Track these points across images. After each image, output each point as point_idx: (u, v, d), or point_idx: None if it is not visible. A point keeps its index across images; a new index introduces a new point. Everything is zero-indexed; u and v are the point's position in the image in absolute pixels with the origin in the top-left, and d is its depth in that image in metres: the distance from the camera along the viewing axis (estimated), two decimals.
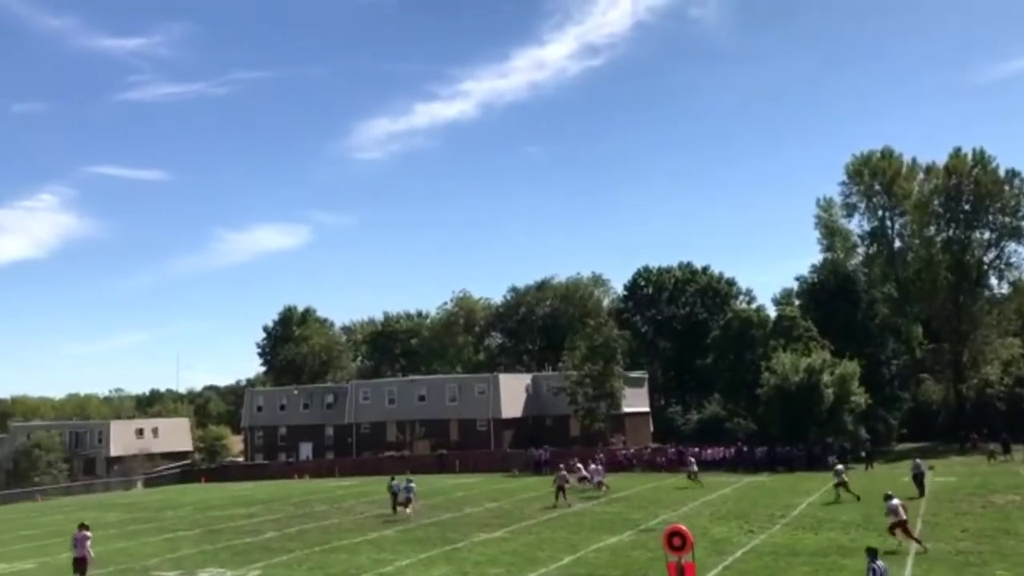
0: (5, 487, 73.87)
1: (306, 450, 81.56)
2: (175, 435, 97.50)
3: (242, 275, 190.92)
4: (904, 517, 23.74)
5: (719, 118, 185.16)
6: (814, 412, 55.89)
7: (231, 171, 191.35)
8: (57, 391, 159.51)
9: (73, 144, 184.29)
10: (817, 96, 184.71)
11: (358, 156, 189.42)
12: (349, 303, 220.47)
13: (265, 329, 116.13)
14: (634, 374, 75.53)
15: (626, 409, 70.94)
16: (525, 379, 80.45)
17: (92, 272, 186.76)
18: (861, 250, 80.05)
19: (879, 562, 15.48)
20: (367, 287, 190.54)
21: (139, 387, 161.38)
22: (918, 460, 38.59)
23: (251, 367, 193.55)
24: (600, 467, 46.67)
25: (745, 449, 58.83)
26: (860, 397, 57.28)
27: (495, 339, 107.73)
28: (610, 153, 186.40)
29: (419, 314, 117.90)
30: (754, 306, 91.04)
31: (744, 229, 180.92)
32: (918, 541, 23.42)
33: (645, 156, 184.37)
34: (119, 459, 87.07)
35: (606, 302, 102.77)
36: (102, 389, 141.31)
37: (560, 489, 38.55)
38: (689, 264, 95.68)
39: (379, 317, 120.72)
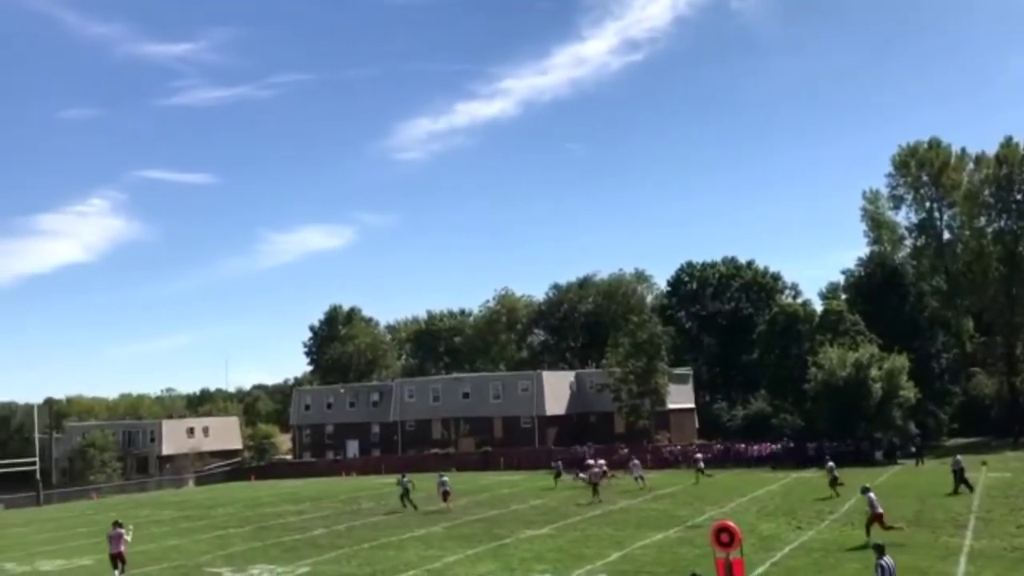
0: (62, 485, 75.60)
1: (353, 448, 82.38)
2: (225, 434, 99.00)
3: (288, 276, 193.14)
4: (880, 510, 23.95)
5: (762, 111, 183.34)
6: (862, 407, 55.20)
7: (275, 173, 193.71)
8: (110, 391, 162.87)
9: (122, 149, 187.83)
10: (862, 87, 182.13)
11: (399, 156, 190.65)
12: (393, 302, 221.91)
13: (311, 328, 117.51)
14: (678, 370, 75.17)
15: (671, 405, 70.67)
16: (568, 376, 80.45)
17: (142, 275, 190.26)
18: (909, 242, 78.89)
19: (887, 558, 15.32)
20: (410, 286, 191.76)
21: (190, 387, 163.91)
22: (958, 456, 38.29)
23: (298, 366, 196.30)
24: (636, 462, 46.96)
25: (792, 445, 58.30)
26: (909, 392, 56.41)
27: (538, 336, 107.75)
28: (652, 148, 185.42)
29: (462, 312, 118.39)
30: (800, 300, 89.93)
31: (789, 223, 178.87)
32: (891, 528, 23.73)
33: (688, 151, 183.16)
34: (171, 458, 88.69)
35: (649, 298, 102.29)
36: (154, 389, 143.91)
37: (594, 486, 39.12)
38: (733, 259, 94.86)
39: (423, 316, 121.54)
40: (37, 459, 65.68)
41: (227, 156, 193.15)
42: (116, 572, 24.33)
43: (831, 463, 38.64)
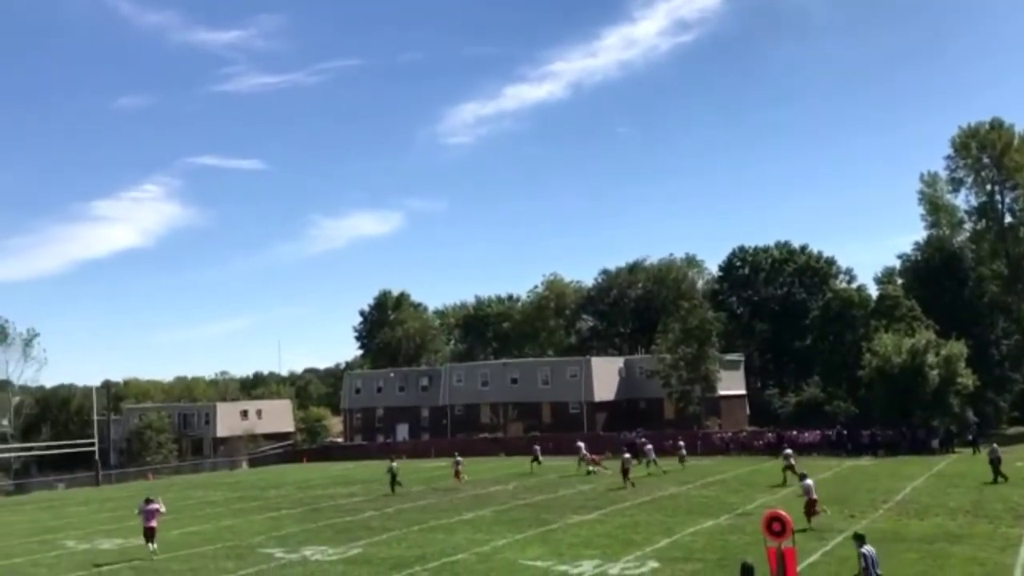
0: (119, 466, 77.44)
1: (402, 431, 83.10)
2: (278, 416, 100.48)
3: (339, 261, 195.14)
4: (814, 497, 25.31)
5: (816, 93, 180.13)
6: (918, 394, 54.14)
7: (325, 159, 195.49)
8: (166, 374, 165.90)
9: (175, 136, 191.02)
10: (920, 68, 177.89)
11: (448, 141, 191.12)
12: (442, 287, 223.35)
13: (361, 313, 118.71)
14: (730, 356, 74.45)
15: (721, 392, 70.07)
16: (617, 362, 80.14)
17: (196, 259, 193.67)
18: (968, 226, 76.98)
19: (867, 547, 15.37)
20: (459, 271, 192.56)
21: (243, 370, 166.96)
22: (995, 445, 37.89)
23: (349, 350, 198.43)
24: (648, 445, 48.36)
25: (845, 432, 57.42)
26: (967, 379, 55.17)
27: (586, 322, 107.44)
28: (703, 131, 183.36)
29: (510, 297, 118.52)
30: (854, 286, 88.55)
31: (844, 207, 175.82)
32: (818, 512, 25.29)
33: (739, 133, 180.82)
34: (225, 440, 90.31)
35: (700, 283, 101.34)
36: (208, 372, 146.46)
37: (625, 472, 39.38)
38: (786, 243, 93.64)
39: (471, 301, 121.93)
40: (96, 440, 67.29)
41: (278, 142, 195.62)
42: (150, 546, 25.75)
43: (788, 450, 39.42)
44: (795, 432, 60.64)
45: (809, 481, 26.10)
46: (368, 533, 28.32)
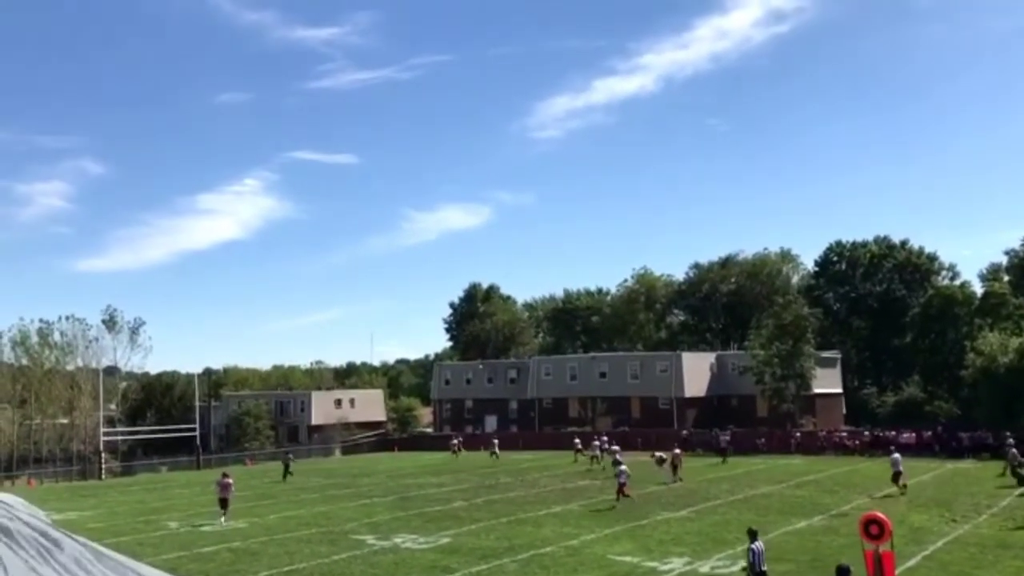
0: (219, 451, 80.00)
1: (491, 423, 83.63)
2: (370, 405, 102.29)
3: (429, 254, 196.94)
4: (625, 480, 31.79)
5: (918, 80, 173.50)
6: None
7: (417, 153, 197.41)
8: (264, 363, 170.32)
9: (273, 131, 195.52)
10: None
11: (537, 135, 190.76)
12: (530, 280, 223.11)
13: (451, 305, 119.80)
14: (826, 354, 72.63)
15: (816, 390, 68.43)
16: (709, 358, 79.03)
17: (293, 252, 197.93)
18: None
19: (758, 543, 15.93)
20: (547, 264, 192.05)
21: (337, 360, 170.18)
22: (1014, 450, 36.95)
23: (438, 342, 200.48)
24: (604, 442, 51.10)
25: (946, 434, 55.44)
26: None
27: (677, 317, 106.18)
28: (798, 123, 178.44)
29: (599, 291, 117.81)
30: (958, 282, 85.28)
31: (947, 201, 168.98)
32: (627, 496, 31.42)
33: (836, 125, 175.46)
34: (319, 427, 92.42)
35: (795, 279, 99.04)
36: (304, 361, 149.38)
37: (675, 467, 40.54)
38: (886, 238, 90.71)
39: (559, 294, 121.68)
40: (197, 426, 69.78)
41: (370, 137, 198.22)
42: (223, 514, 30.36)
43: (896, 455, 36.67)
44: (892, 432, 58.91)
45: (623, 467, 32.96)
46: (457, 523, 28.67)
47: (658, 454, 44.14)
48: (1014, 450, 37.58)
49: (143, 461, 71.18)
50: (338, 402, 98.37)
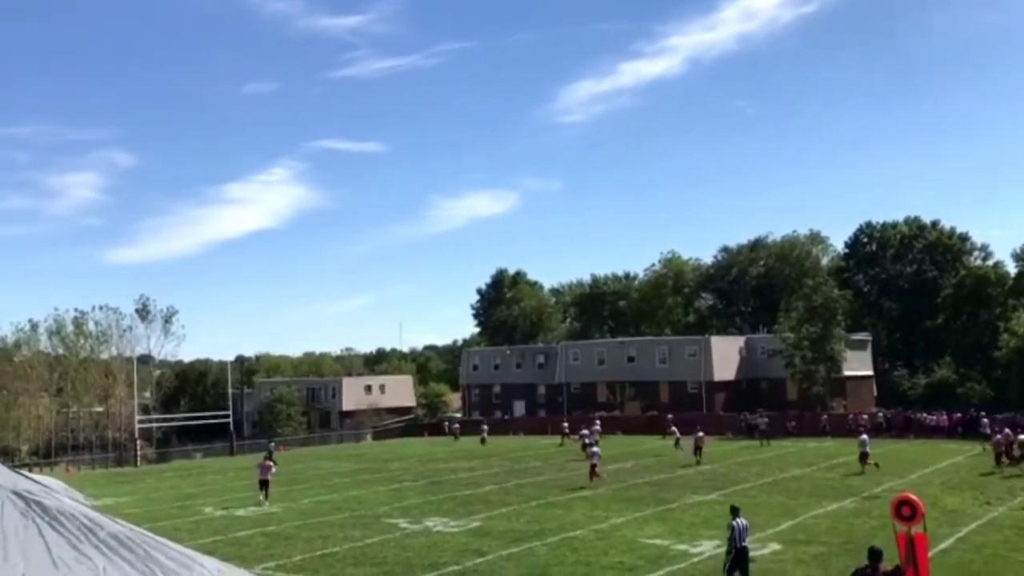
0: (252, 437, 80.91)
1: (519, 408, 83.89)
2: (400, 391, 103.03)
3: (456, 240, 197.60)
4: (596, 461, 33.94)
5: (947, 60, 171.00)
6: None
7: (443, 140, 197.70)
8: (294, 350, 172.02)
9: (300, 120, 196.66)
10: None
11: (563, 120, 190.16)
12: (557, 265, 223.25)
13: (478, 291, 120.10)
14: (856, 336, 72.05)
15: (847, 372, 68.00)
16: (738, 341, 78.68)
17: (322, 239, 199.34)
18: None
19: (740, 519, 16.28)
20: (574, 249, 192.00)
21: (366, 346, 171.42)
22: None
23: (466, 328, 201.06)
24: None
25: (979, 416, 54.83)
26: None
27: (705, 300, 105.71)
28: (826, 104, 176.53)
29: (627, 276, 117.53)
30: (991, 263, 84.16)
31: (978, 180, 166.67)
32: (597, 477, 33.37)
33: (865, 105, 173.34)
34: (351, 413, 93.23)
35: (825, 261, 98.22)
36: (334, 348, 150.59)
37: (698, 449, 41.08)
38: (917, 219, 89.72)
39: (587, 279, 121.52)
40: (230, 412, 70.58)
41: (397, 125, 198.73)
42: (263, 495, 31.83)
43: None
44: (923, 414, 58.46)
45: (596, 448, 35.71)
46: (487, 507, 28.86)
47: (673, 430, 45.11)
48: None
49: (177, 448, 72.15)
50: (368, 388, 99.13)
